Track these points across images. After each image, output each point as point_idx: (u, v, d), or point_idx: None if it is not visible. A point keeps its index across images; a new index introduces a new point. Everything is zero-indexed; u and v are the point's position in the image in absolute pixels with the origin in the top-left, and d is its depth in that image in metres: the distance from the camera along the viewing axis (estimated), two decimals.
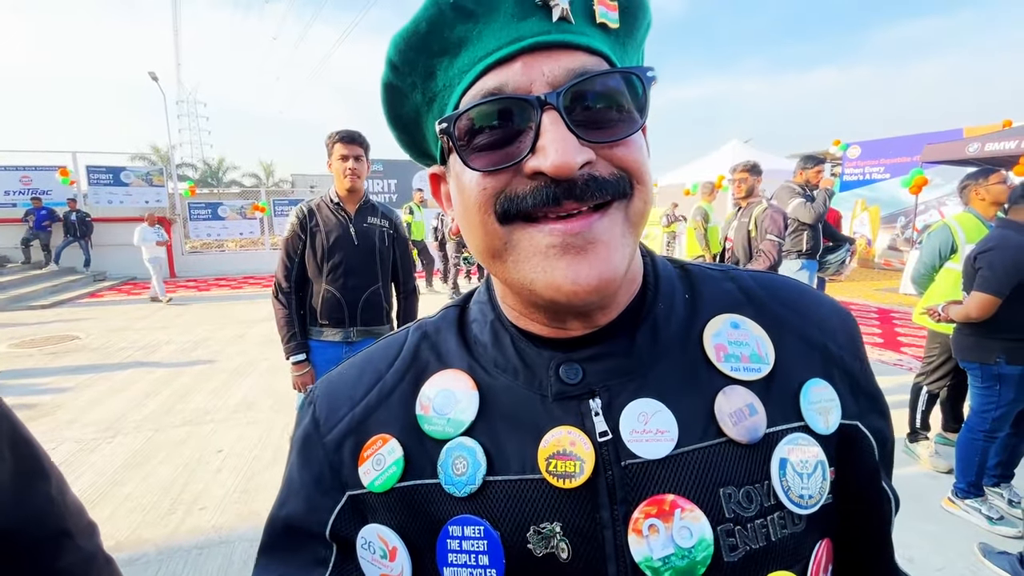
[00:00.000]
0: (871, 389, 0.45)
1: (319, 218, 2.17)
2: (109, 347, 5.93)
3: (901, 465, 2.99)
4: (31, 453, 0.60)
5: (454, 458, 0.40)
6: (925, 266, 2.96)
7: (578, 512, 0.38)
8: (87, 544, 0.64)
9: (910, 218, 10.29)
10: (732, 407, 0.39)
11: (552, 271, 0.35)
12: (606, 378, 0.40)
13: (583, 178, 0.34)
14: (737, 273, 0.48)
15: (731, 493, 0.38)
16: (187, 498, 2.76)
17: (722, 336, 0.42)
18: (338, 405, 0.46)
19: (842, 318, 0.46)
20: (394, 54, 0.38)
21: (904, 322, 6.39)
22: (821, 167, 4.18)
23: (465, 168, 0.36)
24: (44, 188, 11.85)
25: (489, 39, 0.35)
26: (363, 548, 0.43)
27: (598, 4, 0.35)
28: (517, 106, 0.34)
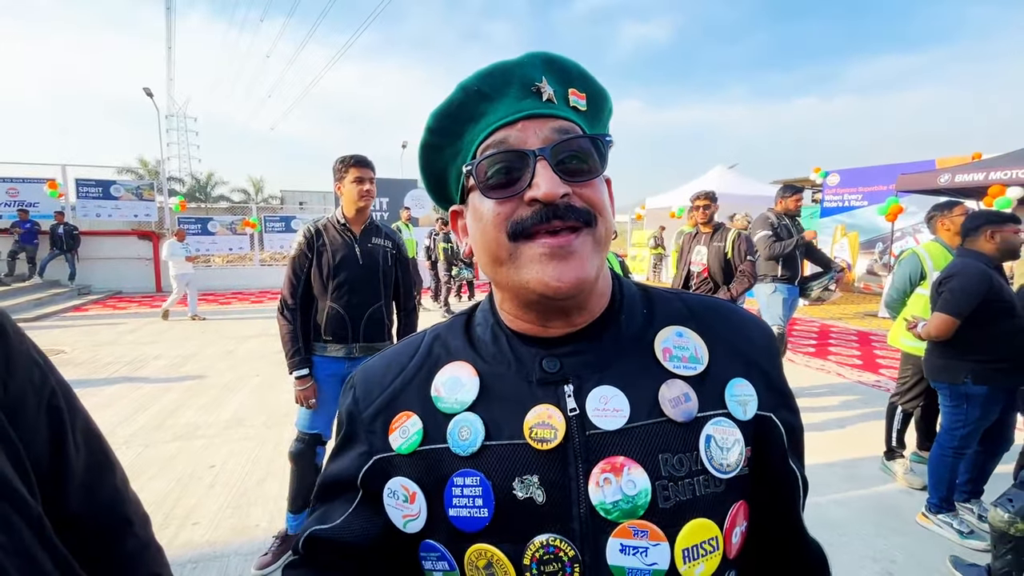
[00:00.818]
0: (783, 389, 0.57)
1: (326, 238, 2.26)
2: (96, 361, 5.87)
3: (879, 482, 3.11)
4: (100, 446, 0.65)
5: (460, 427, 0.53)
6: (897, 291, 3.13)
7: (552, 468, 0.50)
8: (143, 533, 0.69)
9: (887, 244, 10.64)
10: (672, 395, 0.51)
11: (543, 272, 0.48)
12: (577, 369, 0.53)
13: (564, 204, 0.47)
14: (686, 296, 0.61)
15: (667, 458, 0.49)
16: (180, 513, 2.76)
17: (669, 342, 0.55)
18: (371, 388, 0.59)
19: (762, 333, 0.59)
20: (433, 123, 0.53)
21: (882, 344, 6.58)
22: (799, 195, 4.39)
23: (484, 199, 0.50)
24: (32, 200, 11.74)
25: (500, 111, 0.50)
26: (389, 496, 0.55)
27: (571, 94, 0.52)
28: (520, 156, 0.48)
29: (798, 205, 4.37)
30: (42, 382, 0.57)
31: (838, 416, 4.18)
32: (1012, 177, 6.55)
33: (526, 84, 0.50)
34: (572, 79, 0.52)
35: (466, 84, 0.51)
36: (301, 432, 2.32)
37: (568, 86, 0.52)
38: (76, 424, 0.61)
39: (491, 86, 0.50)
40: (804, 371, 5.48)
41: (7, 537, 0.47)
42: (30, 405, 0.55)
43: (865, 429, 3.87)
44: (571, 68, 0.53)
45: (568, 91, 0.52)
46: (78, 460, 0.60)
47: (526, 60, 0.51)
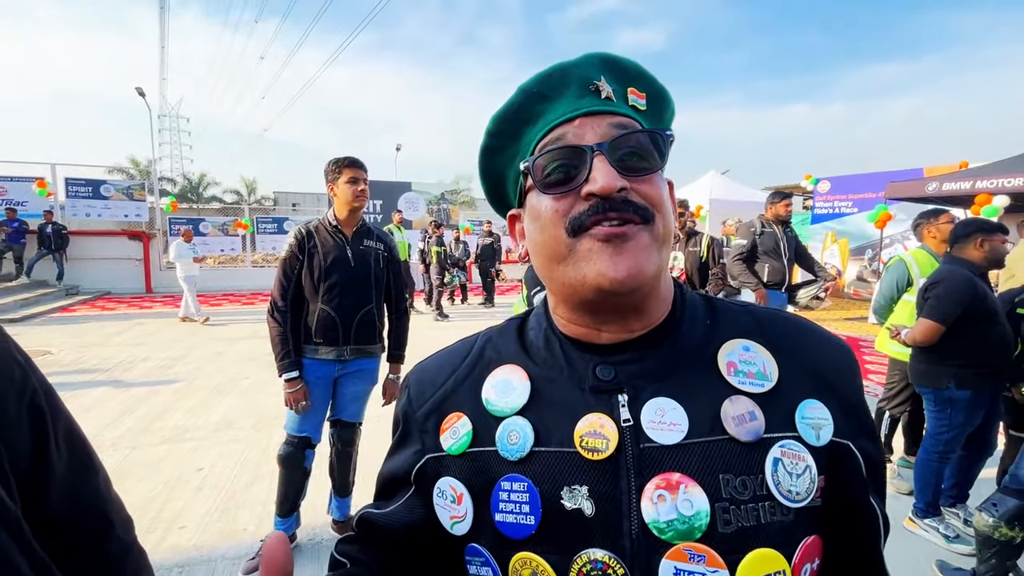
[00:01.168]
0: (863, 416, 0.53)
1: (317, 240, 2.25)
2: (83, 363, 5.80)
3: None
4: (83, 448, 0.64)
5: (509, 431, 0.52)
6: (884, 298, 3.17)
7: (602, 479, 0.48)
8: (126, 536, 0.68)
9: (876, 251, 10.77)
10: (735, 412, 0.48)
11: (599, 263, 0.46)
12: (633, 378, 0.51)
13: (620, 197, 0.47)
14: (755, 308, 0.58)
15: (729, 479, 0.46)
16: (167, 516, 2.73)
17: (734, 356, 0.51)
18: (425, 388, 0.60)
19: (844, 352, 0.54)
20: (492, 126, 0.53)
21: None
22: (789, 201, 4.44)
23: (541, 197, 0.50)
24: (20, 199, 11.60)
25: (558, 110, 0.50)
26: (438, 496, 0.55)
27: (631, 93, 0.51)
28: (576, 152, 0.48)
29: (788, 210, 4.42)
30: (23, 382, 0.56)
31: None
32: (998, 186, 6.66)
33: (584, 83, 0.50)
34: (631, 78, 0.52)
35: (525, 86, 0.51)
36: (290, 435, 2.30)
37: (627, 85, 0.51)
38: (58, 425, 0.61)
39: (549, 87, 0.50)
40: None
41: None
42: (11, 405, 0.54)
43: None
44: (630, 67, 0.52)
45: (627, 90, 0.51)
46: (60, 462, 0.59)
47: (583, 60, 0.50)
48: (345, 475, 2.47)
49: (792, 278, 4.49)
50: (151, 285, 12.48)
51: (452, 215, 16.41)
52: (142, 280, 12.47)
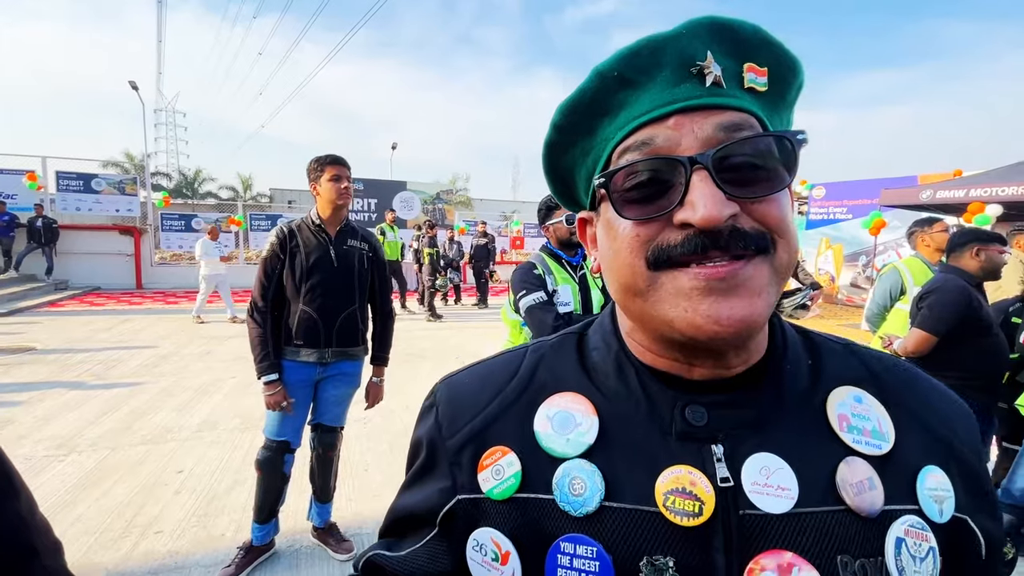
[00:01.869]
0: (986, 489, 0.45)
1: (300, 239, 2.20)
2: (67, 359, 5.70)
3: None
4: (3, 471, 0.60)
5: (571, 478, 0.42)
6: (877, 306, 3.14)
7: (693, 552, 0.39)
8: (52, 563, 0.64)
9: (870, 257, 10.80)
10: (854, 478, 0.40)
11: (694, 310, 0.37)
12: (730, 426, 0.42)
13: (728, 229, 0.36)
14: (858, 349, 0.49)
15: (847, 563, 0.38)
16: (142, 521, 2.66)
17: (846, 407, 0.43)
18: (461, 412, 0.49)
19: (964, 413, 0.47)
20: (560, 118, 0.43)
21: None
22: None
23: (619, 217, 0.40)
24: (9, 192, 11.46)
25: (646, 101, 0.39)
26: (474, 550, 0.45)
27: (747, 71, 0.39)
28: (669, 165, 0.37)
29: None
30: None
31: None
32: (992, 195, 6.68)
33: (684, 63, 0.38)
34: (750, 49, 0.39)
35: (602, 68, 0.40)
36: (269, 439, 2.24)
37: (744, 60, 0.39)
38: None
39: (635, 68, 0.39)
40: None
41: None
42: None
43: None
44: (749, 34, 0.39)
45: (743, 66, 0.39)
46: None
47: (685, 30, 0.38)
48: (326, 480, 2.41)
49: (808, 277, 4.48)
50: (141, 281, 12.35)
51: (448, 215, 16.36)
52: (132, 276, 12.34)
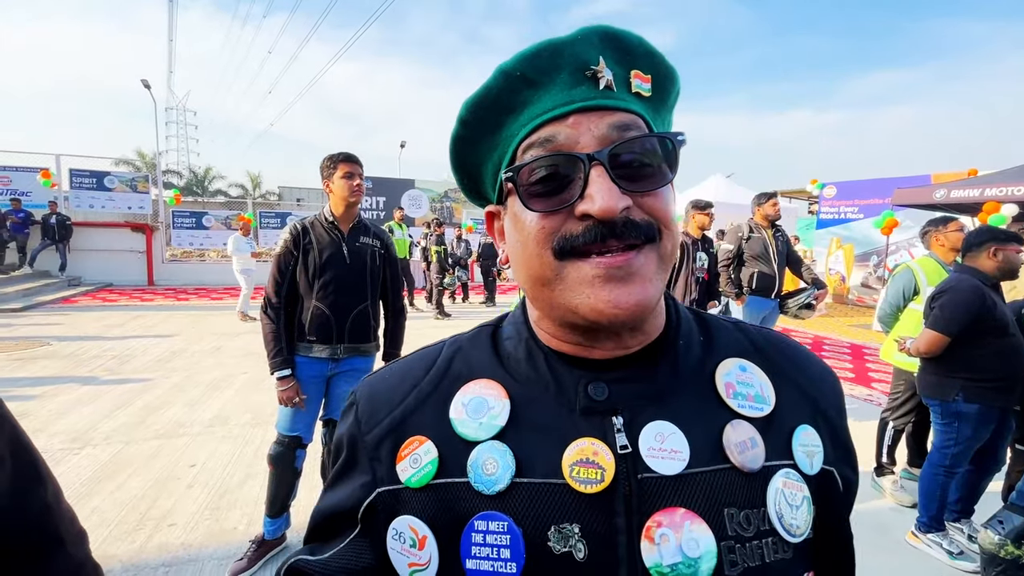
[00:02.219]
0: (847, 443, 0.51)
1: (313, 235, 2.21)
2: (81, 354, 5.78)
3: (867, 499, 3.07)
4: (30, 459, 0.61)
5: (484, 459, 0.45)
6: (890, 306, 3.11)
7: (596, 516, 0.42)
8: (77, 552, 0.64)
9: (882, 257, 10.68)
10: (738, 438, 0.44)
11: (596, 296, 0.41)
12: (629, 399, 0.45)
13: (622, 220, 0.40)
14: (745, 326, 0.55)
15: (733, 514, 0.42)
16: (156, 514, 2.70)
17: (732, 376, 0.48)
18: (378, 408, 0.51)
19: (831, 378, 0.53)
20: (466, 113, 0.45)
21: (875, 358, 6.58)
22: (774, 199, 4.35)
23: (525, 209, 0.43)
24: (24, 189, 11.62)
25: (547, 100, 0.42)
26: (393, 539, 0.47)
27: (634, 77, 0.44)
28: (569, 161, 0.41)
29: (776, 209, 4.33)
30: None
31: None
32: (1007, 194, 6.57)
33: (579, 67, 0.42)
34: (636, 58, 0.44)
35: (506, 67, 0.43)
36: (281, 435, 2.26)
37: (631, 67, 0.44)
38: (2, 434, 0.57)
39: (536, 69, 0.42)
40: None
41: None
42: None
43: (855, 443, 3.83)
44: (635, 44, 0.44)
45: (631, 73, 0.43)
46: (3, 474, 0.56)
47: (580, 37, 0.42)
48: None
49: (784, 284, 4.42)
50: (153, 278, 12.49)
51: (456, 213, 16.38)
52: (144, 273, 12.47)
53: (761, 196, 4.38)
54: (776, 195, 4.44)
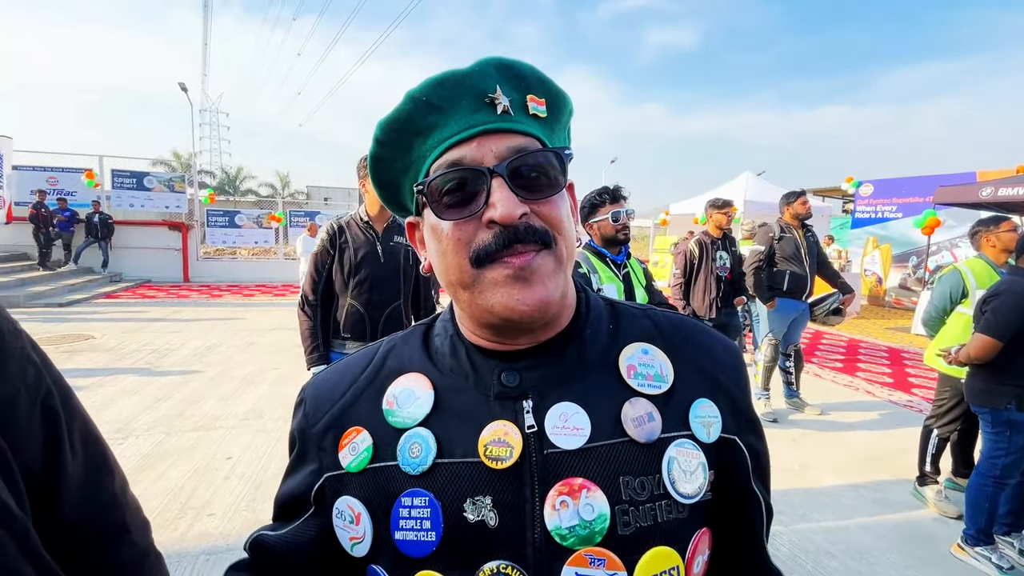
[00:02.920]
0: (749, 413, 0.56)
1: (349, 235, 2.26)
2: (123, 348, 6.02)
3: (910, 508, 2.97)
4: (100, 450, 0.62)
5: (410, 444, 0.50)
6: (936, 309, 2.98)
7: (506, 488, 0.47)
8: (142, 540, 0.66)
9: (922, 258, 10.27)
10: (635, 414, 0.49)
11: (507, 296, 0.46)
12: (537, 384, 0.50)
13: (523, 225, 0.46)
14: (654, 313, 0.59)
15: (628, 481, 0.47)
16: (196, 503, 2.79)
17: (633, 359, 0.53)
18: (322, 403, 0.57)
19: (731, 354, 0.57)
20: (381, 134, 0.50)
21: (915, 363, 6.34)
22: (804, 197, 4.22)
23: (440, 220, 0.48)
24: (70, 189, 12.16)
25: (452, 125, 0.47)
26: (337, 517, 0.53)
27: (530, 101, 0.49)
28: (474, 175, 0.46)
29: (806, 208, 4.19)
30: (36, 382, 0.54)
31: (866, 436, 4.01)
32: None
33: (479, 95, 0.47)
34: (530, 85, 0.49)
35: (414, 94, 0.47)
36: None
37: (526, 92, 0.49)
38: (74, 427, 0.59)
39: (441, 97, 0.47)
40: (831, 387, 5.30)
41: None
42: (22, 406, 0.52)
43: (895, 451, 3.71)
44: (527, 73, 0.49)
45: (526, 98, 0.49)
46: (75, 465, 0.58)
47: (477, 69, 0.47)
48: None
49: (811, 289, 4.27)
50: (188, 274, 12.91)
51: None
52: (180, 269, 12.91)
53: (790, 195, 4.26)
54: (805, 193, 4.31)
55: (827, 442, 3.87)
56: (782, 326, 4.27)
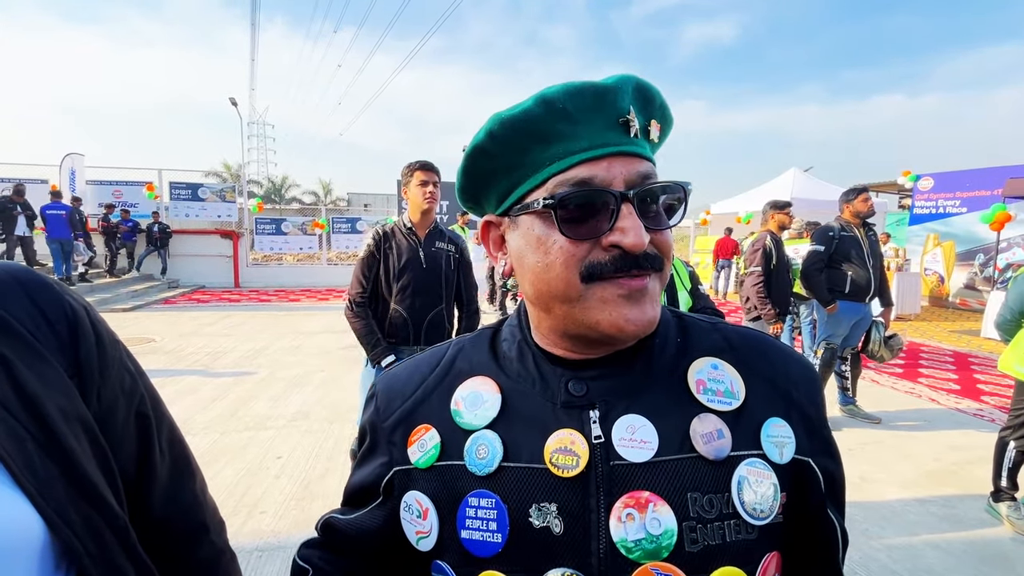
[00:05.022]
0: (824, 434, 0.54)
1: (393, 241, 2.31)
2: (180, 351, 6.37)
3: (983, 526, 2.75)
4: (183, 453, 0.66)
5: (478, 445, 0.51)
6: (1012, 312, 2.76)
7: (572, 497, 0.47)
8: (218, 539, 0.69)
9: (990, 255, 9.57)
10: (704, 430, 0.49)
11: (617, 314, 0.46)
12: (605, 394, 0.50)
13: (643, 253, 0.46)
14: (725, 327, 0.58)
15: (696, 498, 0.47)
16: (249, 501, 2.91)
17: (703, 374, 0.52)
18: (393, 398, 0.59)
19: (806, 372, 0.55)
20: (497, 127, 0.48)
21: (985, 369, 5.90)
22: (865, 194, 3.98)
23: (555, 233, 0.47)
24: (132, 201, 13.00)
25: (584, 139, 0.46)
26: (405, 510, 0.55)
27: (652, 126, 0.50)
28: (605, 196, 0.46)
29: (868, 205, 3.95)
30: (132, 389, 0.58)
31: (931, 446, 3.76)
32: None
33: (616, 114, 0.46)
34: (654, 110, 0.50)
35: (550, 97, 0.46)
36: None
37: (650, 117, 0.49)
38: (162, 431, 0.62)
39: (578, 107, 0.46)
40: (891, 394, 5.00)
41: (96, 546, 0.47)
42: (120, 412, 0.55)
43: (965, 464, 3.45)
44: (656, 98, 0.50)
45: (650, 122, 0.49)
46: (163, 467, 0.61)
47: (619, 85, 0.47)
48: None
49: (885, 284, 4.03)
50: (239, 280, 13.54)
51: None
52: (231, 275, 13.55)
53: (850, 192, 4.04)
54: (867, 190, 4.09)
55: (888, 453, 3.65)
56: (843, 330, 4.05)
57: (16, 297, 0.48)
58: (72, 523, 0.44)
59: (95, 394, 0.52)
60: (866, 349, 4.06)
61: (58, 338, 0.50)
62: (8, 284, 0.49)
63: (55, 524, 0.43)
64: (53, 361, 0.48)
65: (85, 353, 0.52)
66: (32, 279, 0.51)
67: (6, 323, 0.45)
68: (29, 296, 0.49)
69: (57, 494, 0.43)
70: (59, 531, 0.43)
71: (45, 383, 0.46)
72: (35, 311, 0.49)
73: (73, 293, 0.55)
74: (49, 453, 0.44)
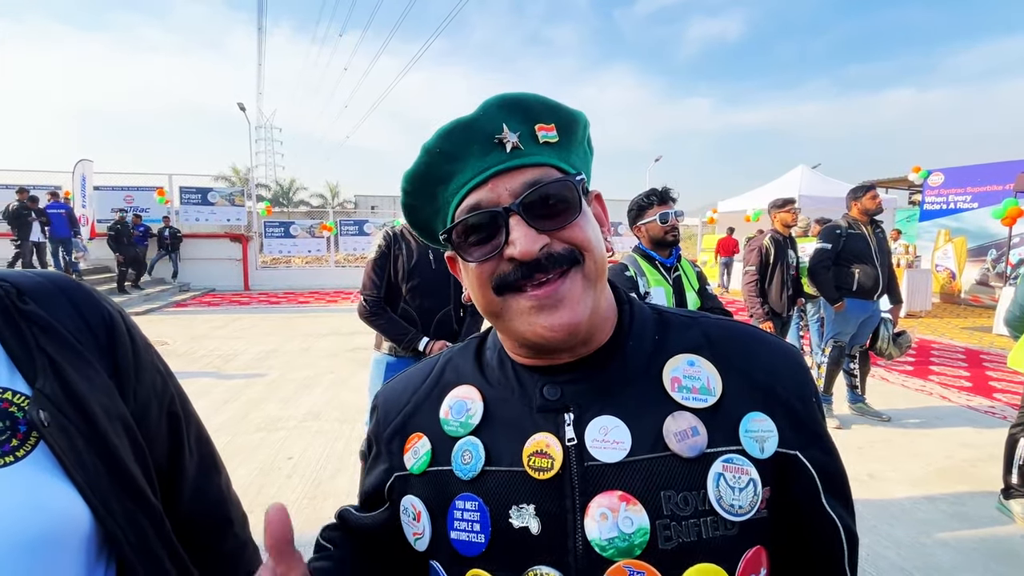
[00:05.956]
0: (815, 427, 0.53)
1: (403, 242, 2.34)
2: (192, 353, 6.46)
3: (993, 523, 2.74)
4: (210, 451, 0.70)
5: (463, 451, 0.54)
6: (1021, 308, 2.75)
7: (549, 498, 0.49)
8: (242, 532, 0.72)
9: (1002, 251, 9.46)
10: (678, 428, 0.49)
11: (534, 323, 0.48)
12: (578, 397, 0.52)
13: (543, 255, 0.47)
14: (707, 321, 0.58)
15: (670, 496, 0.47)
16: (263, 500, 2.95)
17: (679, 371, 0.52)
18: (390, 410, 0.63)
19: (792, 363, 0.54)
20: (407, 185, 0.54)
21: (997, 366, 5.84)
22: (874, 191, 3.96)
23: (466, 258, 0.51)
24: (144, 206, 13.16)
25: (467, 171, 0.50)
26: (404, 513, 0.58)
27: (539, 130, 0.50)
28: (491, 216, 0.48)
29: (876, 203, 3.93)
30: (163, 390, 0.61)
31: (942, 444, 3.74)
32: None
33: (488, 138, 0.49)
34: (537, 114, 0.50)
35: (429, 146, 0.50)
36: None
37: (534, 123, 0.50)
38: (191, 429, 0.66)
39: (453, 145, 0.49)
40: (901, 391, 4.97)
41: (135, 536, 0.50)
42: (153, 411, 0.59)
43: (976, 461, 3.43)
44: (532, 103, 0.50)
45: (535, 128, 0.50)
46: (191, 463, 0.64)
47: (482, 113, 0.49)
48: None
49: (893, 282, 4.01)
50: (248, 283, 13.67)
51: None
52: (241, 278, 13.69)
53: (858, 189, 4.02)
54: (875, 187, 4.06)
55: (897, 450, 3.63)
56: (851, 328, 4.04)
57: (61, 305, 0.52)
58: (115, 514, 0.48)
59: (131, 394, 0.56)
60: (874, 347, 4.05)
61: (98, 342, 0.54)
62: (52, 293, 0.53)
63: (101, 515, 0.46)
64: (95, 363, 0.52)
65: (122, 355, 0.56)
66: (73, 287, 0.55)
67: (54, 329, 0.49)
68: (72, 303, 0.53)
69: (103, 487, 0.47)
70: (104, 521, 0.46)
71: (90, 384, 0.50)
72: (77, 317, 0.53)
73: (109, 299, 0.59)
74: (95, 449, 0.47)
